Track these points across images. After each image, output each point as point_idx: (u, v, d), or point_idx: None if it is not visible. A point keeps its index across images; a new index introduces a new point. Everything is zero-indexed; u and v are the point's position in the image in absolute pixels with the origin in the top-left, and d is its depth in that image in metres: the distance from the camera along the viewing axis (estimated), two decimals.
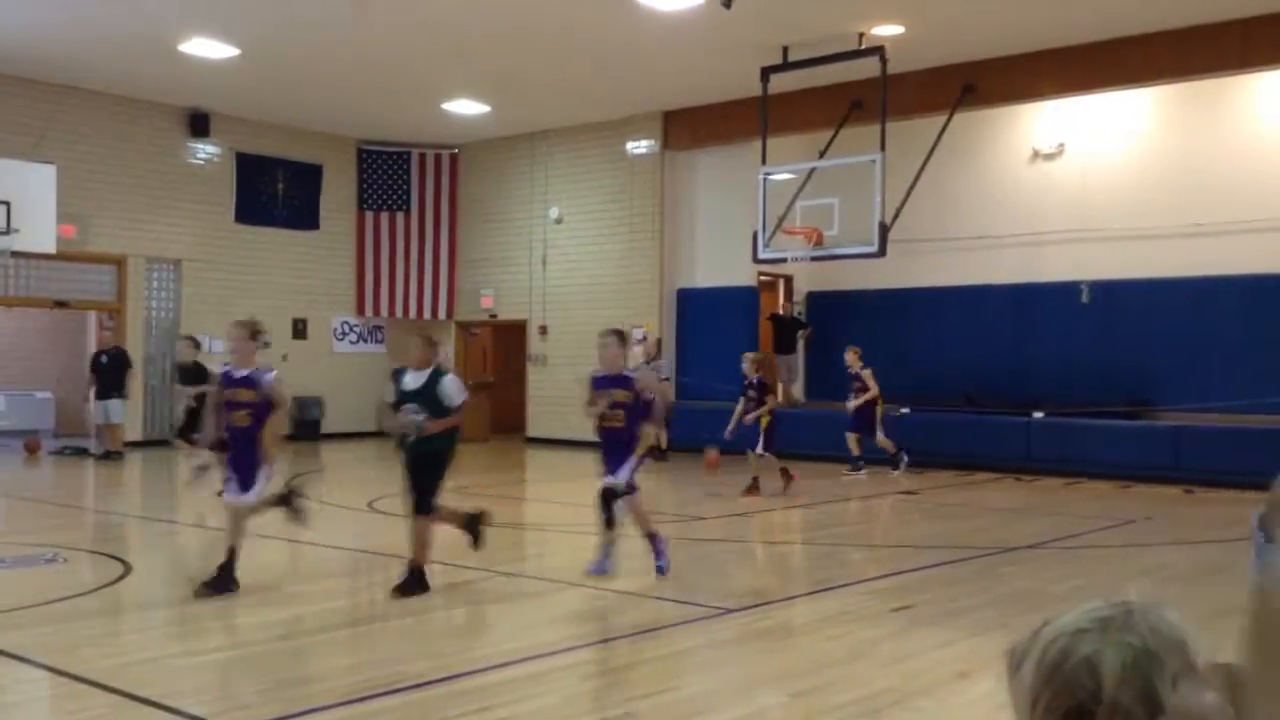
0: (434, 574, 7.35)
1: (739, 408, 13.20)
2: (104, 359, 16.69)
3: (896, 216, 14.89)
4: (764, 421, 12.90)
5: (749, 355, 13.72)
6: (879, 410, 15.06)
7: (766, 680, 5.52)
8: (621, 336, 8.22)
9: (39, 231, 16.42)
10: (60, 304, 18.21)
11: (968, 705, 5.09)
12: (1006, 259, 17.33)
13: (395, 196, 21.70)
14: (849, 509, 12.60)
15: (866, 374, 14.94)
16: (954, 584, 7.87)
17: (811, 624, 6.67)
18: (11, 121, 17.02)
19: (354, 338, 21.78)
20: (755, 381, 13.14)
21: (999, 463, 15.47)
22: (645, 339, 18.09)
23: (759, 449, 12.92)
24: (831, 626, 6.50)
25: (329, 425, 20.72)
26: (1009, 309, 17.30)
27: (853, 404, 14.97)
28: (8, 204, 15.96)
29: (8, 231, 16.01)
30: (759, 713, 4.98)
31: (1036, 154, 17.31)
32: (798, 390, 19.15)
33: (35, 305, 18.46)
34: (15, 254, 16.69)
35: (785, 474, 13.02)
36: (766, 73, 15.36)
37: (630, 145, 19.40)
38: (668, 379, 17.47)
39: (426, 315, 21.84)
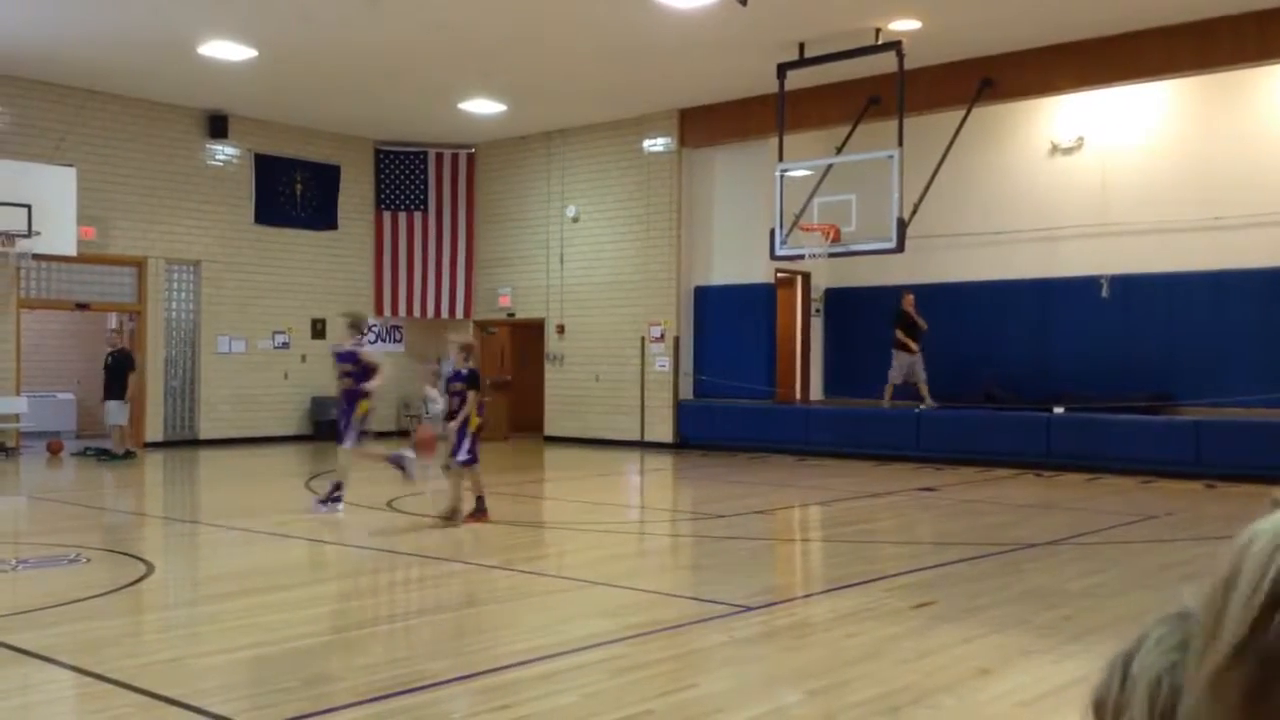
0: (453, 572, 7.35)
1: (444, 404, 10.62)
2: (110, 360, 16.81)
3: (914, 212, 14.84)
4: (472, 423, 10.12)
5: (455, 340, 10.71)
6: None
7: (785, 678, 5.51)
8: None
9: (60, 234, 16.58)
10: (81, 306, 18.33)
11: (988, 702, 5.06)
12: (1025, 254, 17.25)
13: (413, 196, 21.76)
14: (861, 506, 12.56)
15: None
16: (974, 580, 7.84)
17: (830, 621, 6.65)
18: (32, 125, 17.15)
19: (372, 337, 21.81)
20: (464, 374, 10.30)
21: (1019, 458, 15.40)
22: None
23: (459, 457, 10.10)
24: (850, 624, 6.48)
25: None
26: (1028, 304, 17.23)
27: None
28: (29, 207, 16.10)
29: (29, 234, 16.16)
30: (778, 711, 4.97)
31: (1055, 148, 17.22)
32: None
33: (56, 307, 18.59)
34: (37, 256, 16.87)
35: (480, 504, 10.31)
36: (783, 69, 15.33)
37: (647, 143, 19.39)
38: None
39: (444, 315, 21.92)
